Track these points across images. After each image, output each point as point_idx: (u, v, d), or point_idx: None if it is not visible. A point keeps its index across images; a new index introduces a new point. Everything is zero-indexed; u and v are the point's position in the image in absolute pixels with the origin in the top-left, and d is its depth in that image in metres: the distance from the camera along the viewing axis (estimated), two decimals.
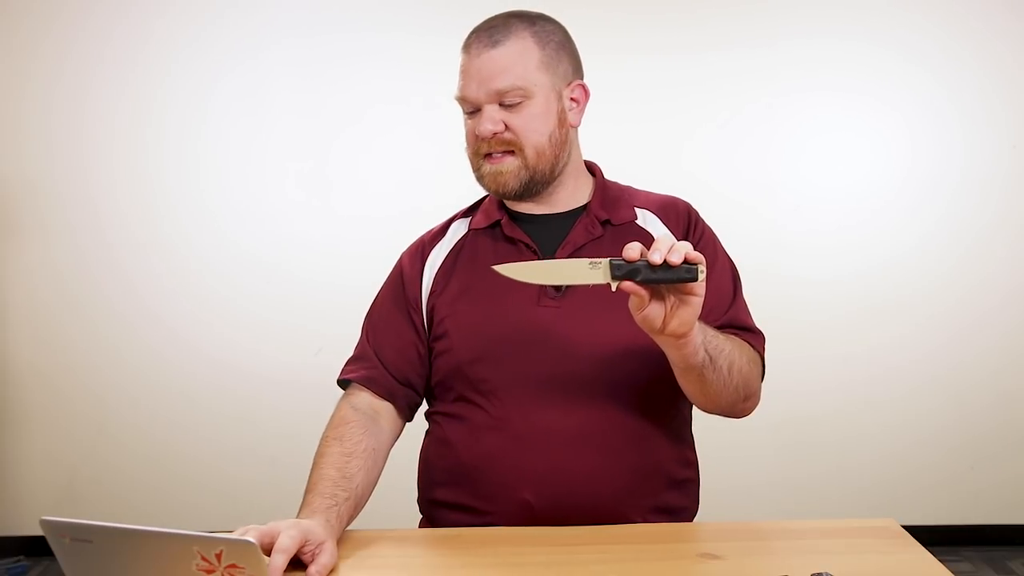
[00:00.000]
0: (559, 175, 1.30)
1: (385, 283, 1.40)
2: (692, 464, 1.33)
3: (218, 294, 2.88)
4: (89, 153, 2.86)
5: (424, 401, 1.37)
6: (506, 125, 1.24)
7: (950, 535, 2.89)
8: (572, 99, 1.30)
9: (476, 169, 1.29)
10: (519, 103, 1.24)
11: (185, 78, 2.85)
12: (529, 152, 1.25)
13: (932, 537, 1.58)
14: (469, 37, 1.28)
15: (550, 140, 1.26)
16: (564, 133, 1.28)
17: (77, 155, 2.86)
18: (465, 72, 1.26)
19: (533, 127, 1.25)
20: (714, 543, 1.14)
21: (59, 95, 2.84)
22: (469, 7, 2.85)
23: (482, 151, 1.27)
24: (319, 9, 2.86)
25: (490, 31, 1.25)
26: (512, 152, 1.25)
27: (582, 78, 1.32)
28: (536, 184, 1.28)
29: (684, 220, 1.33)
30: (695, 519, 1.33)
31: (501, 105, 1.24)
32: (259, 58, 2.85)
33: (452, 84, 3.04)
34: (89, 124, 2.85)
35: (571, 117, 1.30)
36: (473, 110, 1.26)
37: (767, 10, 2.86)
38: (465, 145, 1.31)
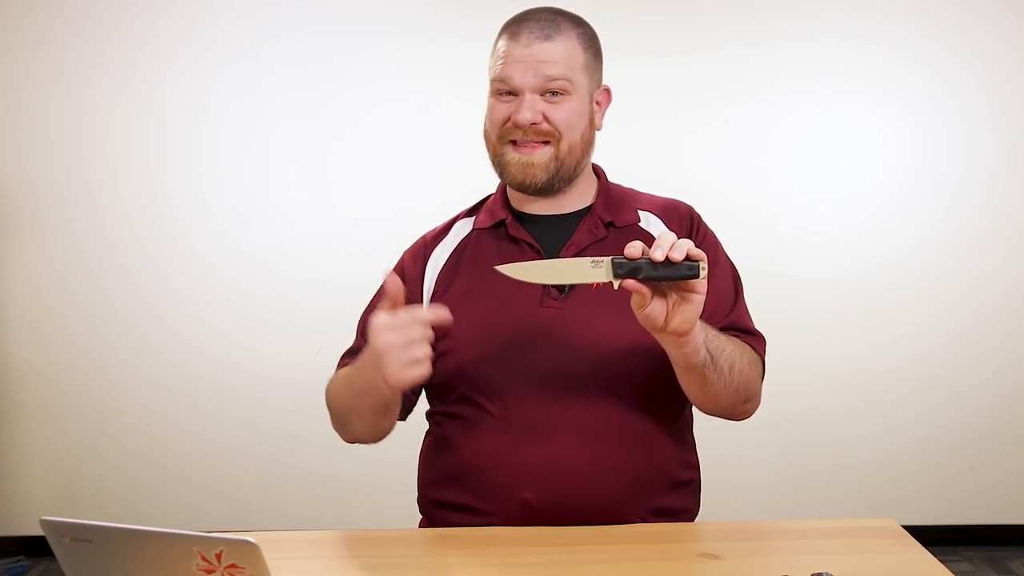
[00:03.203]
0: (577, 176, 1.31)
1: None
2: (693, 466, 1.34)
3: (218, 294, 2.88)
4: (89, 153, 2.86)
5: (425, 401, 1.37)
6: (544, 117, 1.24)
7: (950, 535, 2.89)
8: (596, 102, 1.31)
9: (498, 155, 1.27)
10: (561, 97, 1.24)
11: (185, 78, 2.85)
12: (564, 145, 1.25)
13: (932, 537, 1.58)
14: (514, 25, 1.26)
15: (581, 139, 1.27)
16: (592, 135, 1.30)
17: (77, 155, 2.85)
18: (510, 56, 1.23)
19: (569, 122, 1.25)
20: (714, 543, 1.14)
21: (59, 95, 2.84)
22: (469, 7, 2.87)
23: (509, 137, 1.25)
24: (319, 9, 2.86)
25: (541, 24, 1.24)
26: (547, 142, 1.25)
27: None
28: (560, 180, 1.28)
29: (686, 223, 1.34)
30: (695, 519, 1.33)
31: (542, 96, 1.23)
32: (259, 58, 2.85)
33: (452, 84, 3.03)
34: (89, 124, 2.85)
35: (596, 120, 1.31)
36: (511, 96, 1.24)
37: (767, 10, 2.86)
38: (486, 128, 1.29)
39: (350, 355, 1.35)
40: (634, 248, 1.01)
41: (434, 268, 1.34)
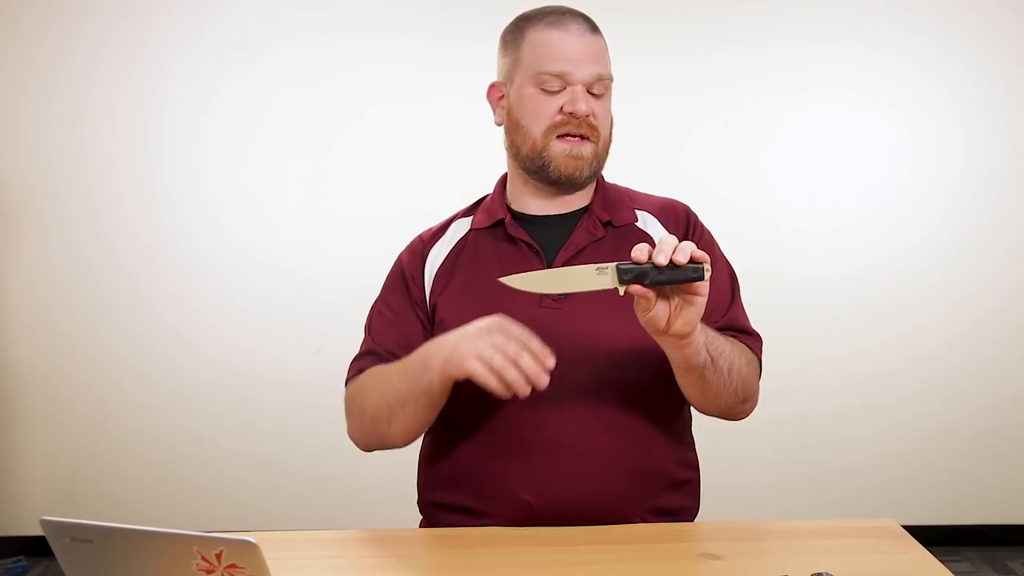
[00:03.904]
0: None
1: (386, 282, 1.38)
2: (693, 465, 1.33)
3: (218, 294, 2.88)
4: (89, 153, 2.86)
5: None
6: (591, 111, 1.24)
7: (950, 535, 2.89)
8: None
9: (540, 149, 1.25)
10: (603, 94, 1.25)
11: (185, 78, 2.85)
12: (601, 143, 1.27)
13: (932, 537, 1.58)
14: (553, 17, 1.26)
15: (611, 135, 1.29)
16: (613, 134, 1.31)
17: (77, 155, 2.85)
18: (563, 48, 1.23)
19: (607, 120, 1.27)
20: (714, 543, 1.14)
21: (59, 95, 2.84)
22: (469, 7, 2.87)
23: (561, 130, 1.24)
24: (319, 9, 2.86)
25: (583, 17, 1.26)
26: (590, 139, 1.25)
27: None
28: (593, 177, 1.30)
29: (683, 222, 1.34)
30: (695, 519, 1.33)
31: (587, 91, 1.24)
32: (259, 58, 2.85)
33: (452, 84, 3.01)
34: (89, 124, 2.85)
35: None
36: (559, 88, 1.24)
37: (767, 10, 2.86)
38: (521, 122, 1.27)
39: (361, 358, 1.32)
40: (640, 251, 1.01)
41: (432, 266, 1.33)
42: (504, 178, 1.37)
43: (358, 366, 1.31)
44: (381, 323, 1.33)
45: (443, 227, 1.38)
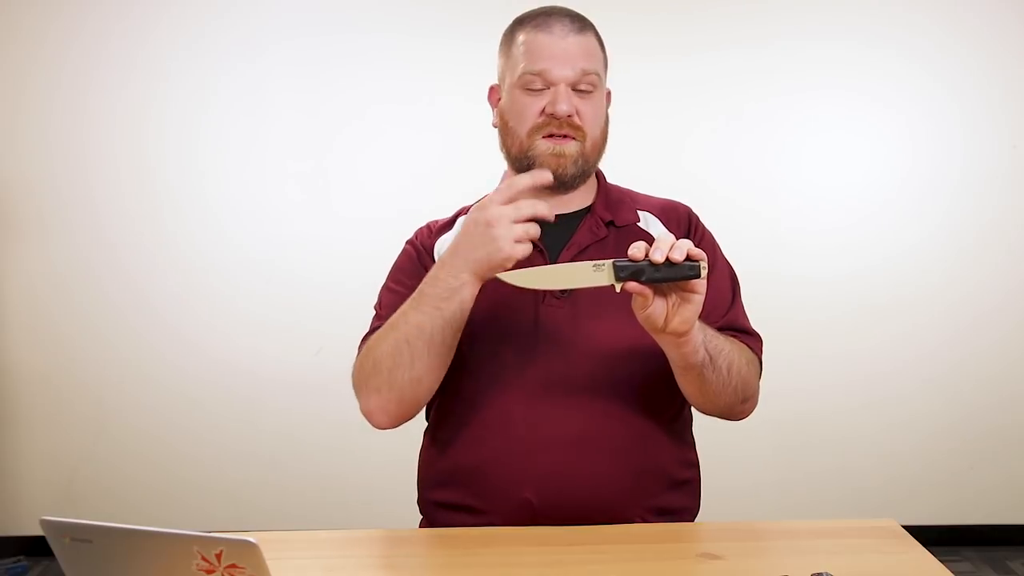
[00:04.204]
0: (591, 173, 1.32)
1: (395, 266, 1.36)
2: (694, 465, 1.34)
3: (218, 294, 2.88)
4: (89, 153, 2.86)
5: None
6: (576, 110, 1.24)
7: (950, 535, 2.89)
8: None
9: (526, 149, 1.25)
10: (590, 92, 1.25)
11: (185, 78, 2.85)
12: (588, 142, 1.26)
13: (932, 537, 1.58)
14: (540, 19, 1.26)
15: (601, 135, 1.29)
16: (607, 133, 1.31)
17: (77, 155, 2.85)
18: (545, 49, 1.23)
19: (595, 119, 1.26)
20: (714, 543, 1.14)
21: (59, 95, 2.84)
22: (469, 7, 2.87)
23: (544, 131, 1.24)
24: (319, 9, 2.86)
25: (571, 18, 1.26)
26: (575, 138, 1.25)
27: None
28: (583, 176, 1.29)
29: (684, 223, 1.34)
30: (696, 519, 1.33)
31: (573, 90, 1.24)
32: (259, 58, 2.85)
33: (452, 84, 3.01)
34: (89, 124, 2.85)
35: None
36: (542, 88, 1.24)
37: (767, 10, 2.86)
38: (508, 123, 1.27)
39: (375, 332, 1.28)
40: (638, 249, 1.01)
41: (438, 256, 1.33)
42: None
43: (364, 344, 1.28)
44: (393, 298, 1.29)
45: (449, 222, 1.38)
